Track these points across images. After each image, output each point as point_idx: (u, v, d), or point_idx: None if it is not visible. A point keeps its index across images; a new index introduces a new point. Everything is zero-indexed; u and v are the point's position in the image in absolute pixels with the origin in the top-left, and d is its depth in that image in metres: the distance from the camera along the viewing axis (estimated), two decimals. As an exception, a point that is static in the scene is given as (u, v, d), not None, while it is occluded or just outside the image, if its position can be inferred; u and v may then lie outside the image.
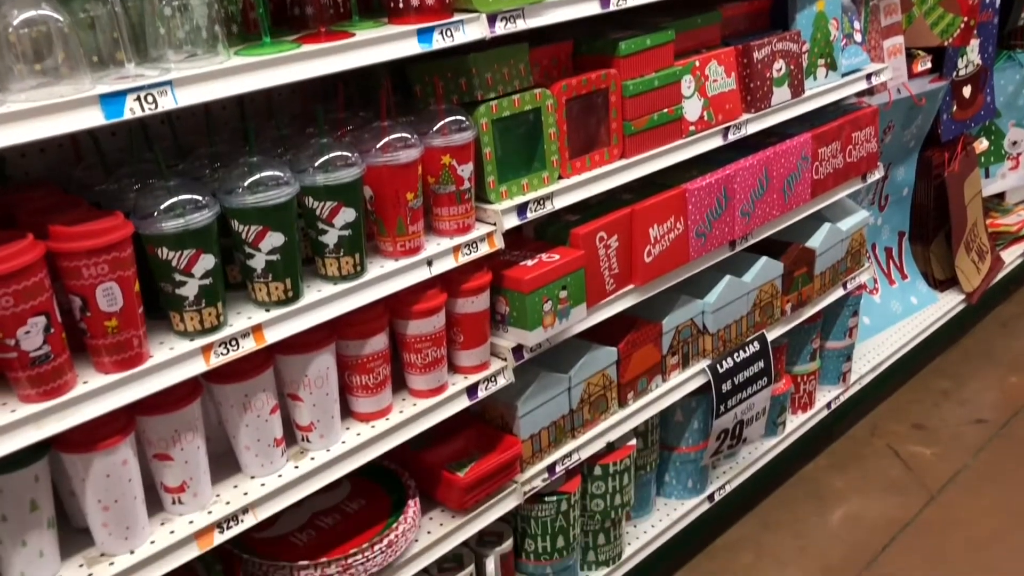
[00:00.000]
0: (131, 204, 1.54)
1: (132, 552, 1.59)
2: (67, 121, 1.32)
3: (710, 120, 2.43)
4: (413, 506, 2.05)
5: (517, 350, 2.10)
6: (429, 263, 1.88)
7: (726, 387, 2.70)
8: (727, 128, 2.48)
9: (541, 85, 2.04)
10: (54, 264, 1.42)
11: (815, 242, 2.98)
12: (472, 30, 1.79)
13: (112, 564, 1.57)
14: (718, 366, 2.68)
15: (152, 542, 1.61)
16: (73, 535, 1.63)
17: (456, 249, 1.92)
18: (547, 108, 2.03)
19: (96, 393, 1.46)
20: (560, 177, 2.11)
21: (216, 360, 1.59)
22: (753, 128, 2.56)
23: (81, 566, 1.57)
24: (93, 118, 1.35)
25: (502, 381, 2.10)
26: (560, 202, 2.09)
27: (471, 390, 2.05)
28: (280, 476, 1.78)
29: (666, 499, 2.87)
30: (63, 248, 1.40)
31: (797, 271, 2.91)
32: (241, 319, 1.64)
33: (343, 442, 1.87)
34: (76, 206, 1.54)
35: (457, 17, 1.78)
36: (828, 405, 3.35)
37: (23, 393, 1.42)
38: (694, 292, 2.64)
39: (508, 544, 2.31)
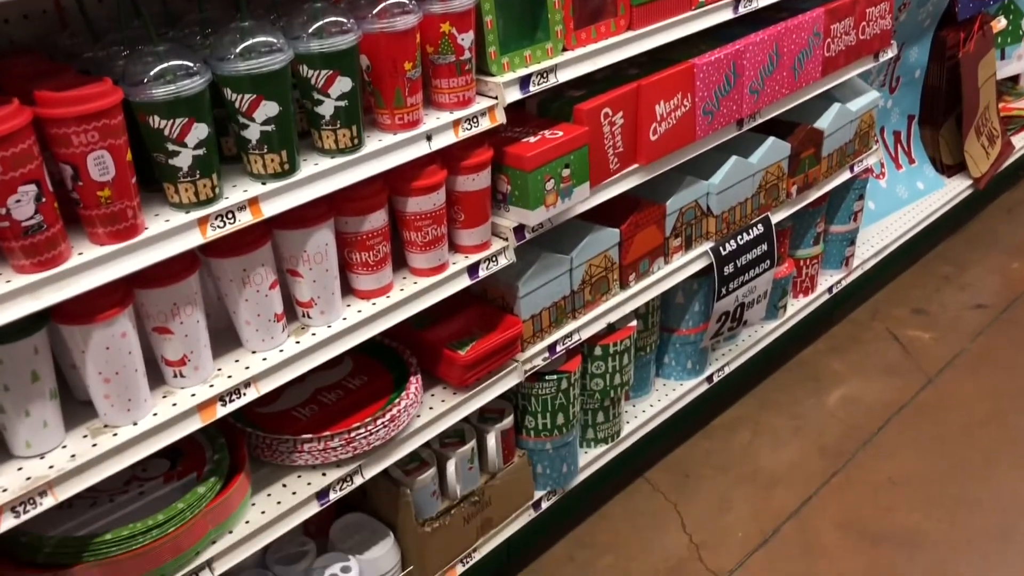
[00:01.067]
0: (120, 71, 1.49)
1: (135, 424, 1.60)
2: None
3: (721, -9, 2.33)
4: (415, 382, 2.06)
5: (518, 230, 2.08)
6: (428, 137, 1.83)
7: (728, 270, 2.69)
8: (738, 0, 2.38)
9: (545, -50, 1.95)
10: (43, 132, 1.37)
11: (824, 123, 2.91)
12: None
13: (116, 435, 1.58)
14: (721, 248, 2.66)
15: (155, 414, 1.62)
16: (77, 407, 1.63)
17: (456, 123, 1.86)
18: (551, -25, 1.94)
19: (92, 264, 1.44)
20: (564, 49, 2.04)
21: (213, 233, 1.57)
22: (765, 1, 2.47)
23: (85, 436, 1.58)
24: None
25: (503, 261, 2.08)
26: (564, 75, 2.03)
27: (472, 269, 2.04)
28: (281, 351, 1.78)
29: (665, 380, 2.90)
30: (51, 114, 1.35)
31: (804, 152, 2.86)
32: (237, 192, 1.61)
33: (344, 319, 1.87)
34: (62, 73, 1.48)
35: None
36: (830, 290, 3.35)
37: (17, 264, 1.40)
38: (699, 173, 2.59)
39: (509, 421, 2.33)
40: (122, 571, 1.65)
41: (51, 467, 1.52)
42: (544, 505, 2.50)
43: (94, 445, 1.56)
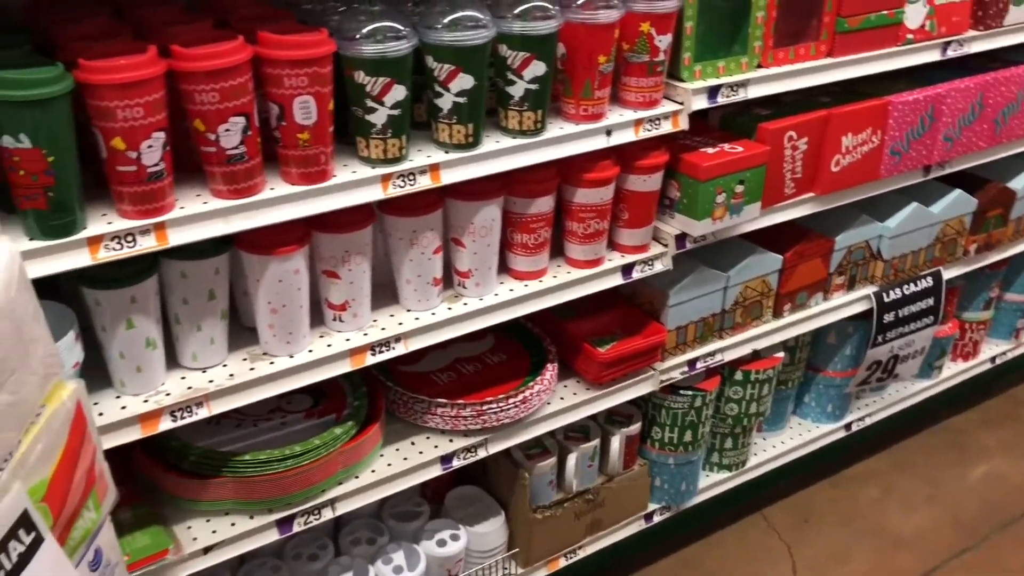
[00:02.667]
0: (334, 26, 1.57)
1: (291, 356, 1.69)
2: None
3: (931, 31, 2.24)
4: (551, 370, 2.09)
5: (680, 238, 2.07)
6: (608, 132, 1.85)
7: (888, 318, 2.59)
8: (948, 43, 2.29)
9: (758, -35, 1.93)
10: (259, 71, 1.47)
11: (1018, 184, 2.76)
12: None
13: (272, 364, 1.68)
14: (885, 294, 2.56)
15: (310, 351, 1.71)
16: (242, 332, 1.74)
17: (638, 123, 1.88)
18: (759, -10, 1.93)
19: (281, 200, 1.53)
20: (759, 66, 2.01)
21: (393, 191, 1.64)
22: (977, 47, 2.36)
23: (244, 360, 1.69)
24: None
25: (659, 267, 2.08)
26: (754, 92, 2.00)
27: (626, 269, 2.04)
28: (433, 314, 1.84)
29: (801, 419, 2.82)
30: (270, 55, 1.45)
31: (991, 211, 2.71)
32: (421, 156, 1.68)
33: (496, 295, 1.91)
34: (283, 19, 1.59)
35: None
36: (993, 359, 3.16)
37: (216, 188, 1.51)
38: (875, 213, 2.51)
39: (636, 427, 2.33)
40: (253, 491, 1.75)
41: (211, 381, 1.63)
42: (656, 519, 2.48)
43: (251, 369, 1.66)
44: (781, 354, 2.49)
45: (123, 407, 1.56)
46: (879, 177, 2.32)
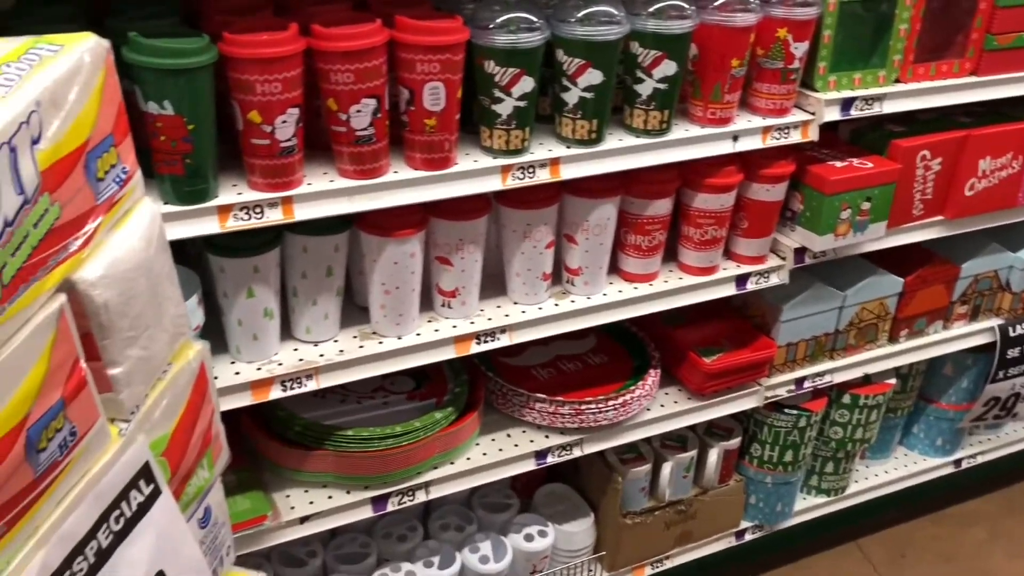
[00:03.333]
0: (469, 14, 1.58)
1: (399, 338, 1.72)
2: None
3: (1088, 54, 2.12)
4: (653, 375, 2.06)
5: (799, 252, 2.01)
6: (735, 138, 1.81)
7: (1012, 353, 2.46)
8: (1105, 67, 2.15)
9: (905, -26, 1.86)
10: (393, 55, 1.49)
11: None
12: None
13: (381, 343, 1.70)
14: (1010, 329, 2.43)
15: (418, 334, 1.73)
16: (354, 311, 1.77)
17: (766, 130, 1.83)
18: (904, 1, 1.85)
19: (403, 184, 1.55)
20: (897, 80, 1.94)
21: (511, 182, 1.64)
22: None
23: (355, 337, 1.72)
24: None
25: (775, 280, 2.03)
26: (889, 107, 1.93)
27: (741, 280, 2.00)
28: (540, 308, 1.84)
29: (908, 450, 2.71)
30: (404, 39, 1.47)
31: None
32: (542, 150, 1.67)
33: (604, 295, 1.90)
34: (421, 5, 1.60)
35: None
36: (1123, 407, 2.97)
37: (342, 167, 1.53)
38: (1007, 243, 2.39)
39: (735, 442, 2.28)
40: (352, 467, 1.78)
41: (321, 355, 1.66)
42: (748, 537, 2.42)
43: (361, 347, 1.69)
44: (893, 380, 2.39)
45: (237, 372, 1.61)
46: (1016, 205, 2.21)
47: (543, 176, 1.66)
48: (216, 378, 1.58)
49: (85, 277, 0.89)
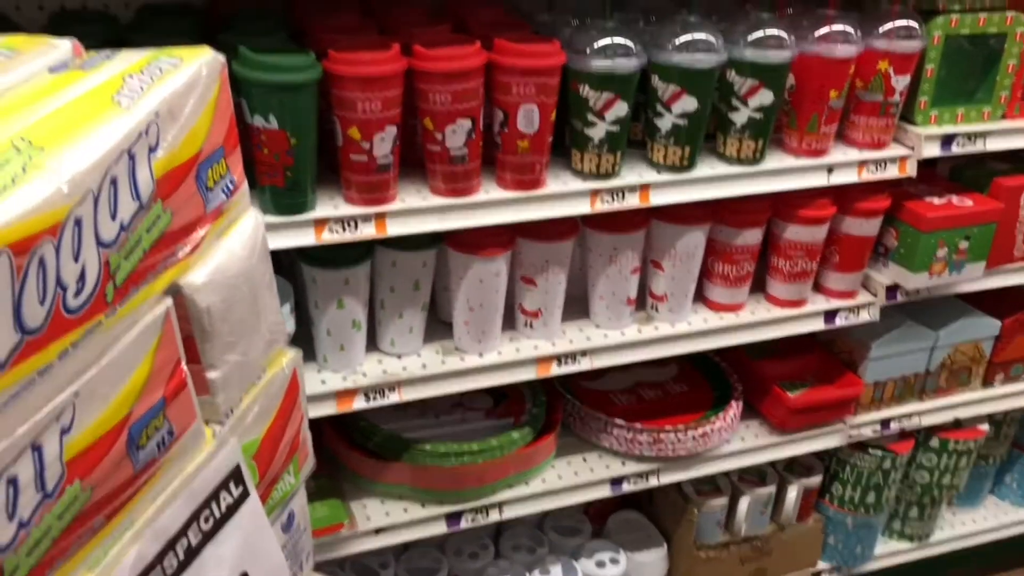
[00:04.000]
0: (567, 38, 1.60)
1: (480, 355, 1.73)
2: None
3: None
4: (735, 408, 2.02)
5: (891, 289, 1.96)
6: (830, 170, 1.78)
7: (1116, 405, 2.34)
8: None
9: (1016, 8, 1.80)
10: (489, 76, 1.51)
11: None
12: (959, -71, 1.61)
13: (462, 360, 1.72)
14: (1115, 379, 2.32)
15: (499, 353, 1.74)
16: (438, 326, 1.79)
17: (862, 164, 1.79)
18: (1015, 36, 1.79)
19: (494, 204, 1.57)
20: (1003, 116, 1.88)
21: (600, 206, 1.64)
22: None
23: (437, 352, 1.74)
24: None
25: (865, 316, 1.98)
26: (993, 144, 1.87)
27: (830, 315, 1.96)
28: (623, 334, 1.83)
29: (1000, 500, 2.60)
30: (502, 62, 1.49)
31: None
32: (632, 175, 1.67)
33: (688, 323, 1.88)
34: (519, 28, 1.62)
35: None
36: None
37: (435, 185, 1.56)
38: (1115, 289, 2.28)
39: (816, 480, 2.22)
40: (428, 481, 1.79)
41: (404, 368, 1.69)
42: (824, 578, 2.36)
43: (443, 362, 1.71)
44: (985, 426, 2.31)
45: (323, 381, 1.65)
46: None
47: (632, 201, 1.66)
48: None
49: (191, 282, 0.92)
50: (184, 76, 0.91)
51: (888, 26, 1.71)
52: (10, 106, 0.84)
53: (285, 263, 1.66)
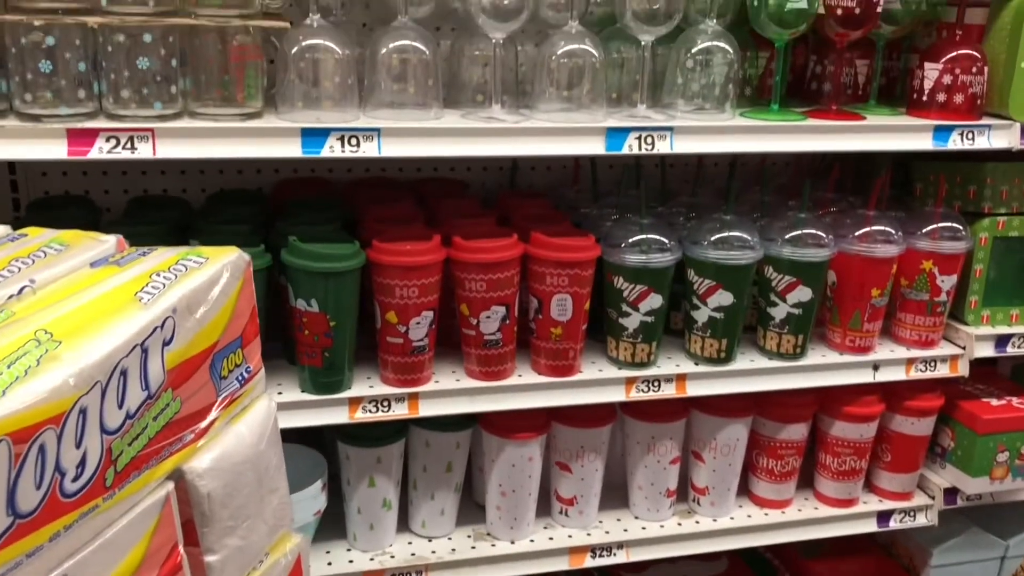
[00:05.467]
0: (605, 231, 1.65)
1: (512, 542, 1.71)
2: (573, 146, 1.47)
3: None
4: (784, 611, 1.92)
5: (950, 492, 1.87)
6: (875, 367, 1.75)
7: None
8: None
9: (1066, 211, 1.79)
10: (525, 266, 1.57)
11: None
12: (999, 138, 1.63)
13: (493, 546, 1.70)
14: None
15: (532, 540, 1.72)
16: (471, 507, 1.79)
17: (910, 362, 1.76)
18: (1067, 239, 1.78)
19: (527, 388, 1.59)
20: (1061, 318, 1.83)
21: (636, 394, 1.64)
22: None
23: (468, 536, 1.72)
24: (595, 147, 1.47)
25: (922, 520, 1.89)
26: (1053, 346, 1.81)
27: (883, 516, 1.87)
28: (662, 527, 1.78)
29: None
30: (537, 254, 1.55)
31: None
32: (669, 364, 1.68)
33: (731, 518, 1.82)
34: (558, 221, 1.69)
35: (985, 121, 1.63)
36: None
37: (469, 368, 1.59)
38: None
39: None
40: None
41: (433, 552, 1.67)
42: None
43: (473, 547, 1.69)
44: (1070, 648, 2.11)
45: (351, 560, 1.64)
46: None
47: (669, 391, 1.66)
48: (329, 564, 1.63)
49: (195, 468, 0.96)
50: (206, 275, 0.98)
51: (932, 227, 1.72)
52: (46, 298, 0.92)
53: (327, 436, 1.70)
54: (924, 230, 1.72)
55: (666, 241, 1.60)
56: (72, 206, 1.67)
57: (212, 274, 1.00)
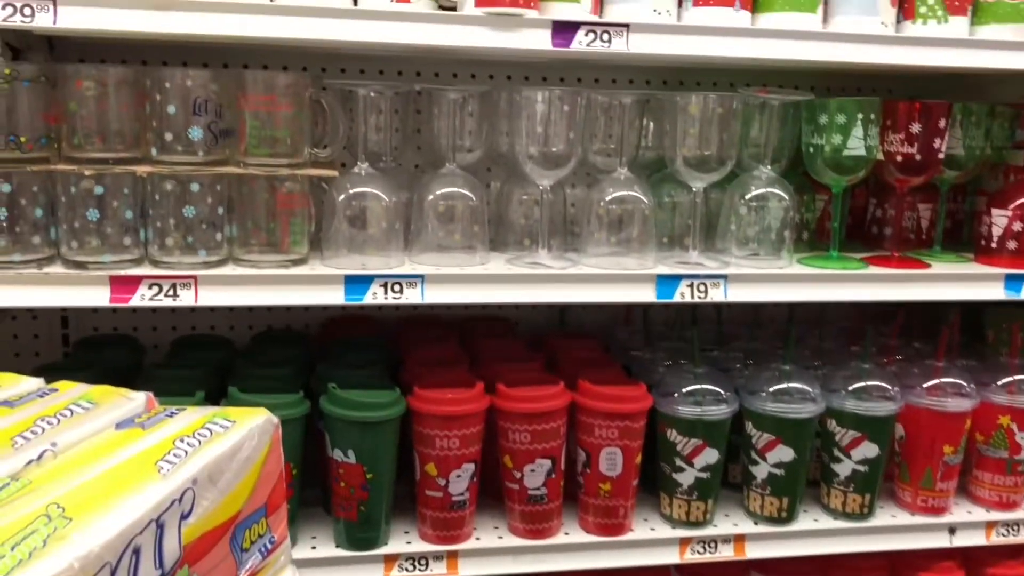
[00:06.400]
0: (658, 378, 1.58)
1: None
2: (622, 292, 1.42)
3: None
4: None
5: (1042, 669, 1.69)
6: (951, 530, 1.62)
7: None
8: None
9: None
10: (571, 416, 1.50)
11: None
12: (1076, 285, 1.54)
13: None
14: None
15: None
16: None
17: (990, 525, 1.63)
18: None
19: (574, 548, 1.50)
20: None
21: (691, 556, 1.54)
22: None
23: None
24: (645, 295, 1.42)
25: None
26: None
27: None
28: None
29: None
30: (584, 404, 1.48)
31: None
32: (727, 523, 1.57)
33: None
34: (608, 367, 1.62)
35: (1061, 268, 1.55)
36: None
37: (513, 524, 1.51)
38: None
39: None
40: None
41: None
42: None
43: None
44: None
45: None
46: None
47: (726, 553, 1.55)
48: None
49: (207, 650, 0.90)
50: (231, 440, 0.94)
51: (1008, 379, 1.62)
52: (64, 466, 0.88)
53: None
54: (1000, 382, 1.62)
55: (722, 392, 1.52)
56: (117, 346, 1.67)
57: (238, 440, 0.95)
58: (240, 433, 0.96)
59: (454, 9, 1.37)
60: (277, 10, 1.29)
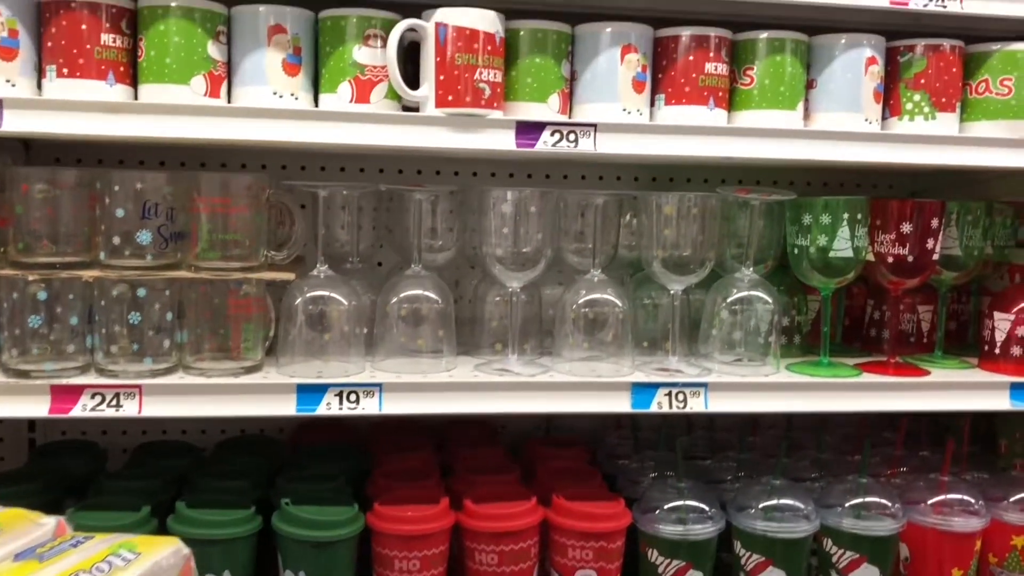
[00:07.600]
0: (641, 491, 1.48)
1: None
2: (594, 403, 1.33)
3: None
4: None
5: None
6: (967, 659, 1.47)
7: None
8: None
9: None
10: (545, 534, 1.40)
11: None
12: (1091, 394, 1.43)
13: None
14: None
15: None
16: None
17: (1010, 655, 1.48)
18: None
19: None
20: None
21: None
22: None
23: None
24: (620, 404, 1.34)
25: None
26: None
27: None
28: None
29: None
30: (557, 521, 1.38)
31: None
32: (718, 651, 1.45)
33: None
34: (589, 479, 1.52)
35: (1072, 376, 1.44)
36: None
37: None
38: None
39: None
40: None
41: None
42: None
43: None
44: None
45: None
46: None
47: None
48: None
49: None
50: (133, 574, 0.86)
51: (1021, 495, 1.49)
52: (-57, 606, 0.81)
53: None
54: (1013, 498, 1.50)
55: (707, 508, 1.42)
56: (77, 454, 1.60)
57: (139, 574, 0.87)
58: (143, 567, 0.88)
59: (416, 109, 1.33)
60: (235, 112, 1.26)
